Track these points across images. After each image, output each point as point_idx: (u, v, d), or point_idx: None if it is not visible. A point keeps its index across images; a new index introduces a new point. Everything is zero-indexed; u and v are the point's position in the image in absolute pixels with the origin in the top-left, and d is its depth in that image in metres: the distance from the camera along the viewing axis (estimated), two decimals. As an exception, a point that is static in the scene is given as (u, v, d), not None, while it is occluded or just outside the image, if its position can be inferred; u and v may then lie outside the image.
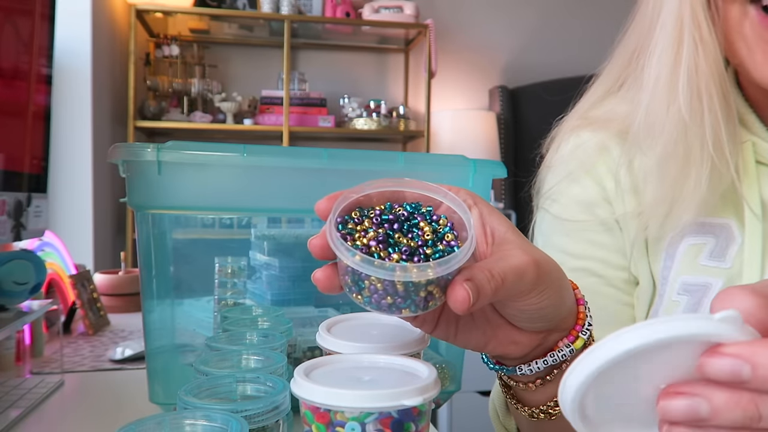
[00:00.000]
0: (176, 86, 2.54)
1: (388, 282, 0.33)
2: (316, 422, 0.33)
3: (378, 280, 0.33)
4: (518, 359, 0.40)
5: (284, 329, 0.58)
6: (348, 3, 2.67)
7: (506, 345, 0.38)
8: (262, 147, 0.61)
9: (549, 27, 3.03)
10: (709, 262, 0.50)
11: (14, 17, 0.71)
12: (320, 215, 0.36)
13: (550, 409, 0.42)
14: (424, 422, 0.34)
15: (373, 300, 0.34)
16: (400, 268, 0.32)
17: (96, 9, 2.16)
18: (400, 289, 0.33)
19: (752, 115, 0.52)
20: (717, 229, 0.50)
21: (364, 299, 0.34)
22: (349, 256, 0.32)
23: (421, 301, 0.34)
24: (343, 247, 0.33)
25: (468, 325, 0.38)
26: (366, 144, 2.93)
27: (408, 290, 0.33)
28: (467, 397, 2.19)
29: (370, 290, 0.34)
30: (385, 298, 0.34)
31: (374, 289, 0.33)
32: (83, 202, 2.14)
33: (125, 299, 1.21)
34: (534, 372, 0.39)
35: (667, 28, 0.50)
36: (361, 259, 0.32)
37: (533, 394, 0.42)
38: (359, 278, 0.33)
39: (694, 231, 0.51)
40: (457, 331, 0.38)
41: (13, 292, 0.70)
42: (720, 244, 0.50)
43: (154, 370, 0.62)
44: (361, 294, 0.34)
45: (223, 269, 0.70)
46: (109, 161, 0.57)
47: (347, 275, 0.34)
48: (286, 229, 0.74)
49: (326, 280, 0.35)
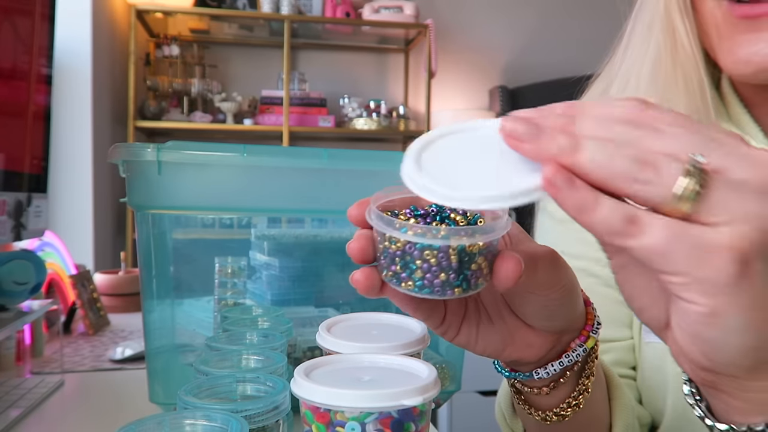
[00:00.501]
0: (176, 86, 2.54)
1: (443, 254, 0.32)
2: (316, 422, 0.33)
3: (432, 254, 0.32)
4: (533, 364, 0.40)
5: (284, 329, 0.58)
6: (348, 3, 2.67)
7: (523, 349, 0.39)
8: (262, 147, 0.61)
9: (549, 27, 3.04)
10: None
11: (14, 17, 0.71)
12: (353, 221, 0.35)
13: (562, 411, 0.42)
14: (424, 422, 0.34)
15: (425, 281, 0.32)
16: (454, 232, 0.31)
17: (96, 9, 2.16)
18: (454, 261, 0.32)
19: (746, 114, 0.53)
20: None
21: (416, 283, 0.33)
22: (402, 232, 0.32)
23: (472, 277, 0.33)
24: (394, 225, 0.32)
25: (488, 330, 0.38)
26: (366, 144, 2.93)
27: (462, 262, 0.32)
28: (467, 397, 2.19)
29: (422, 269, 0.32)
30: (439, 276, 0.32)
31: (427, 267, 0.32)
32: (83, 202, 2.14)
33: (125, 299, 1.21)
34: (550, 375, 0.39)
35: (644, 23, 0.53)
36: (414, 233, 0.31)
37: (546, 399, 0.42)
38: (411, 259, 0.32)
39: None
40: (478, 336, 0.38)
41: (14, 292, 0.70)
42: None
43: (154, 370, 0.62)
44: (412, 277, 0.33)
45: (223, 269, 0.70)
46: (109, 161, 0.57)
47: (395, 262, 0.33)
48: (286, 229, 0.75)
49: (366, 279, 0.34)
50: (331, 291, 0.72)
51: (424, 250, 0.32)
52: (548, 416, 0.42)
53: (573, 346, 0.39)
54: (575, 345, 0.39)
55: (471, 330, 0.38)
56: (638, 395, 0.61)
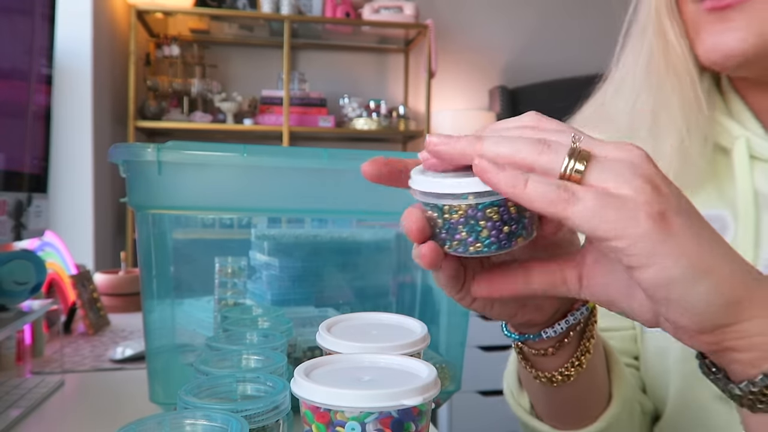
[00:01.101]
0: (176, 86, 2.54)
1: (503, 208, 0.34)
2: (316, 422, 0.33)
3: (494, 211, 0.34)
4: (541, 325, 0.43)
5: (284, 329, 0.58)
6: (348, 3, 2.67)
7: (533, 311, 0.42)
8: (262, 147, 0.61)
9: (549, 27, 3.03)
10: None
11: (14, 17, 0.71)
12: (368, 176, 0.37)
13: (566, 371, 0.45)
14: (424, 422, 0.34)
15: (492, 238, 0.35)
16: None
17: (96, 9, 2.16)
18: (513, 212, 0.34)
19: (747, 112, 0.56)
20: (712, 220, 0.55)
21: (484, 243, 0.35)
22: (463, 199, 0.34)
23: (528, 224, 0.35)
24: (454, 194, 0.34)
25: None
26: (366, 144, 2.93)
27: (519, 211, 0.35)
28: (467, 397, 2.19)
29: (488, 228, 0.34)
30: (503, 229, 0.34)
31: (491, 225, 0.34)
32: (83, 202, 2.14)
33: (125, 299, 1.21)
34: (557, 333, 0.43)
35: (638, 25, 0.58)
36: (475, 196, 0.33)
37: (551, 360, 0.45)
38: (475, 222, 0.34)
39: None
40: (494, 302, 0.41)
41: (14, 292, 0.70)
42: None
43: (155, 370, 0.62)
44: (479, 239, 0.35)
45: (223, 269, 0.70)
46: (110, 161, 0.57)
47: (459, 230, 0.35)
48: (286, 229, 0.75)
49: (432, 252, 0.35)
50: (331, 291, 0.72)
51: (486, 209, 0.34)
52: (554, 377, 0.46)
53: (576, 306, 0.43)
54: (578, 305, 0.43)
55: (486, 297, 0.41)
56: (642, 384, 0.62)
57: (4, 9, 0.69)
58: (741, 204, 0.54)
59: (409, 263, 0.78)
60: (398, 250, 0.78)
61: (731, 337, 0.31)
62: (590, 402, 0.51)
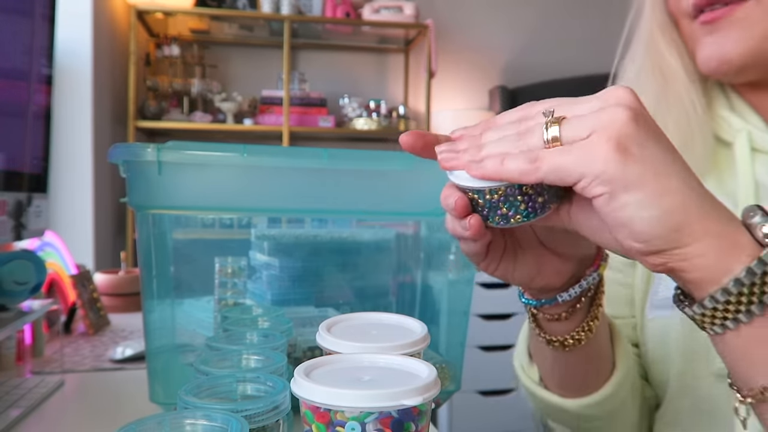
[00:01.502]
0: (176, 86, 2.54)
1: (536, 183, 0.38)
2: (316, 422, 0.33)
3: (529, 186, 0.38)
4: (556, 290, 0.47)
5: (284, 329, 0.58)
6: (348, 3, 2.67)
7: (550, 276, 0.46)
8: (262, 147, 0.61)
9: (549, 27, 3.03)
10: None
11: (14, 17, 0.71)
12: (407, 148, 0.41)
13: (577, 336, 0.50)
14: (424, 422, 0.34)
15: (529, 208, 0.39)
16: None
17: (96, 9, 2.16)
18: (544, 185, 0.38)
19: (748, 107, 0.59)
20: None
21: (523, 214, 0.39)
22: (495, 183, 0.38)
23: (557, 192, 0.39)
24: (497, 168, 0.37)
25: (523, 262, 0.45)
26: (366, 144, 2.93)
27: None
28: (467, 397, 2.19)
29: (525, 202, 0.39)
30: (538, 200, 0.39)
31: (527, 198, 0.38)
32: (84, 202, 2.14)
33: (125, 299, 1.21)
34: (572, 297, 0.47)
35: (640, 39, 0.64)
36: None
37: (564, 324, 0.50)
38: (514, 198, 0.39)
39: None
40: (515, 268, 0.45)
41: (14, 292, 0.70)
42: None
43: (155, 369, 0.62)
44: (518, 211, 0.39)
45: (223, 269, 0.70)
46: (110, 161, 0.57)
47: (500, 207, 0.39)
48: (286, 229, 0.75)
49: (478, 223, 0.39)
50: (331, 291, 0.72)
51: (522, 186, 0.38)
52: (566, 341, 0.50)
53: (588, 272, 0.47)
54: (590, 271, 0.47)
55: (508, 263, 0.45)
56: (643, 372, 0.65)
57: (4, 9, 0.69)
58: (742, 195, 0.56)
59: (409, 263, 0.78)
60: (398, 250, 0.78)
61: (675, 259, 0.34)
62: (597, 368, 0.55)
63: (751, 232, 0.35)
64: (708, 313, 0.35)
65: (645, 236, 0.33)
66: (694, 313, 0.36)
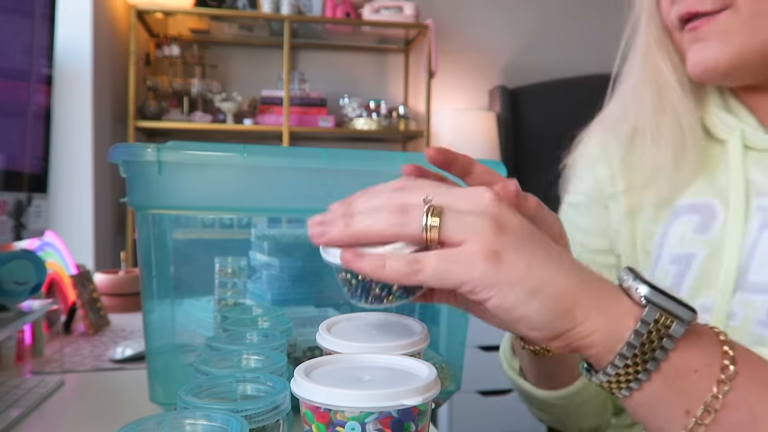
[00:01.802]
0: (176, 86, 2.54)
1: None
2: (316, 422, 0.33)
3: None
4: None
5: (284, 329, 0.58)
6: (348, 3, 2.67)
7: None
8: (262, 147, 0.61)
9: (549, 27, 3.03)
10: (694, 235, 0.60)
11: (14, 17, 0.71)
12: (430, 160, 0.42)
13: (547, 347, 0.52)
14: (424, 422, 0.34)
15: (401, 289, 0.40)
16: None
17: (96, 9, 2.16)
18: None
19: (743, 107, 0.61)
20: (702, 208, 0.61)
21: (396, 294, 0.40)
22: None
23: None
24: None
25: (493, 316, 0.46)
26: (366, 144, 2.93)
27: None
28: (467, 397, 2.19)
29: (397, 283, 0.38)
30: None
31: None
32: (84, 202, 2.14)
33: (125, 299, 1.21)
34: None
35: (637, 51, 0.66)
36: None
37: None
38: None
39: (684, 211, 0.62)
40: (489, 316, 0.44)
41: (14, 292, 0.70)
42: (704, 220, 0.60)
43: (155, 369, 0.62)
44: (391, 292, 0.40)
45: (223, 269, 0.70)
46: (110, 161, 0.57)
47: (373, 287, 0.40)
48: (286, 229, 0.75)
49: None
50: (331, 291, 0.72)
51: None
52: (537, 350, 0.53)
53: None
54: None
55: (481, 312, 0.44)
56: None
57: (4, 9, 0.69)
58: (733, 191, 0.58)
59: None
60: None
61: (575, 339, 0.36)
62: (565, 370, 0.61)
63: (630, 296, 0.37)
64: (613, 379, 0.37)
65: (540, 324, 0.36)
66: (601, 381, 0.38)
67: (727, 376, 0.35)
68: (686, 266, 0.59)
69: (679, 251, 0.61)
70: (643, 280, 0.37)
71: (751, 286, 0.55)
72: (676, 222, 0.62)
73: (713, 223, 0.59)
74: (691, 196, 0.62)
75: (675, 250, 0.61)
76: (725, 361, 0.36)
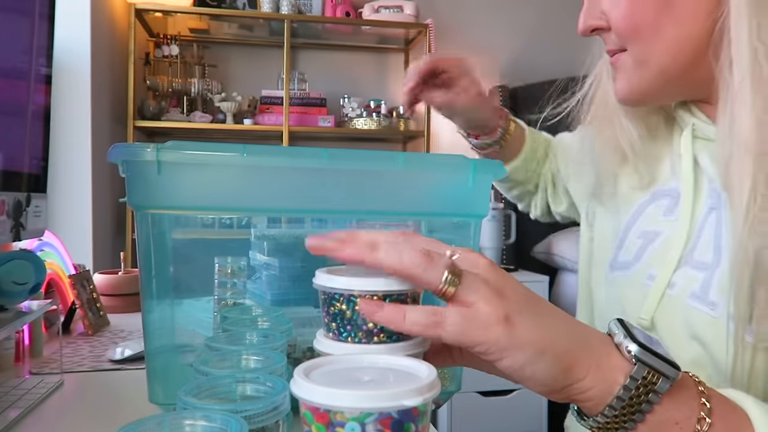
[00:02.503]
0: (176, 86, 2.54)
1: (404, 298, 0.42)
2: (315, 422, 0.33)
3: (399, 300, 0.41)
4: None
5: (284, 329, 0.58)
6: (348, 3, 2.67)
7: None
8: (262, 147, 0.61)
9: (548, 27, 3.03)
10: (662, 217, 0.65)
11: (14, 17, 0.71)
12: None
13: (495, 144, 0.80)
14: (424, 422, 0.34)
15: None
16: None
17: (95, 9, 2.16)
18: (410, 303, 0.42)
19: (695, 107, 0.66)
20: (672, 192, 0.66)
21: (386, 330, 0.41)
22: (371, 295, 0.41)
23: None
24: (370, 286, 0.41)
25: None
26: (366, 144, 2.93)
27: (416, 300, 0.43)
28: (467, 397, 2.19)
29: None
30: None
31: None
32: (83, 202, 2.13)
33: (125, 299, 1.21)
34: None
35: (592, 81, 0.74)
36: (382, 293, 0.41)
37: None
38: None
39: (659, 196, 0.67)
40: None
41: (13, 292, 0.70)
42: (671, 203, 0.65)
43: (154, 370, 0.62)
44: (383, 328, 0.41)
45: (223, 269, 0.69)
46: (109, 161, 0.57)
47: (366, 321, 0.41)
48: (286, 229, 0.74)
49: None
50: (330, 291, 0.72)
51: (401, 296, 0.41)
52: None
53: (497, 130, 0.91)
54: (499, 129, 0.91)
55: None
56: None
57: (4, 9, 0.69)
58: (684, 172, 0.63)
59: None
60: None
61: (574, 393, 0.40)
62: None
63: (620, 351, 0.40)
64: (602, 427, 0.41)
65: (546, 381, 0.39)
66: (591, 427, 0.41)
67: (704, 426, 0.39)
68: (650, 241, 0.65)
69: (647, 228, 0.66)
70: (633, 338, 0.40)
71: (694, 263, 0.60)
72: (653, 204, 0.67)
73: (678, 206, 0.64)
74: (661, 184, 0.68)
75: (644, 228, 0.66)
76: (702, 413, 0.40)
